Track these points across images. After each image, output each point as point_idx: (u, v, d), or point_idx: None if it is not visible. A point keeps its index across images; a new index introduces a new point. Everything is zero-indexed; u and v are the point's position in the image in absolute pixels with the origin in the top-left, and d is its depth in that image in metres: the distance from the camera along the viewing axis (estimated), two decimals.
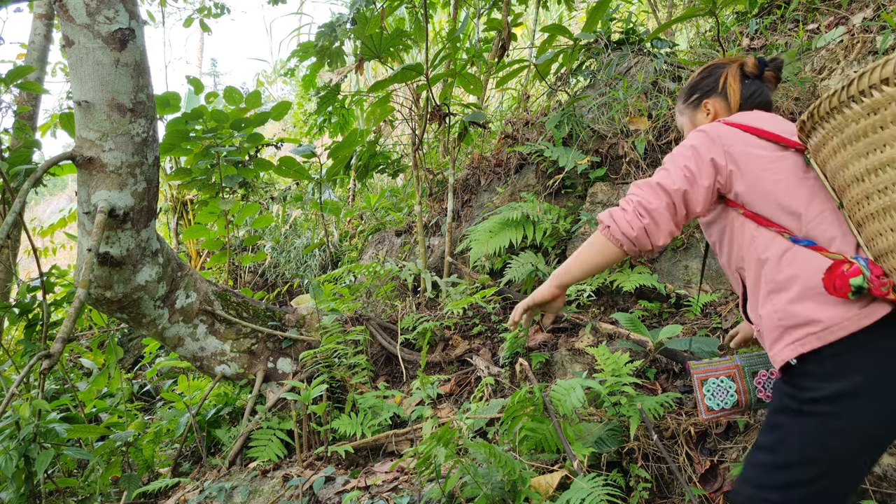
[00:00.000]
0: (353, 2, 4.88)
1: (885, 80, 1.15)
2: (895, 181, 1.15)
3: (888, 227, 1.18)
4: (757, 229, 1.42)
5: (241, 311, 3.17)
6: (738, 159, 1.44)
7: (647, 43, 4.33)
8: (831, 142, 1.28)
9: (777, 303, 1.33)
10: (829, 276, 1.24)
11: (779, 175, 1.40)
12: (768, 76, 1.68)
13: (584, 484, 1.64)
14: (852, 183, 1.25)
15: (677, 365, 2.69)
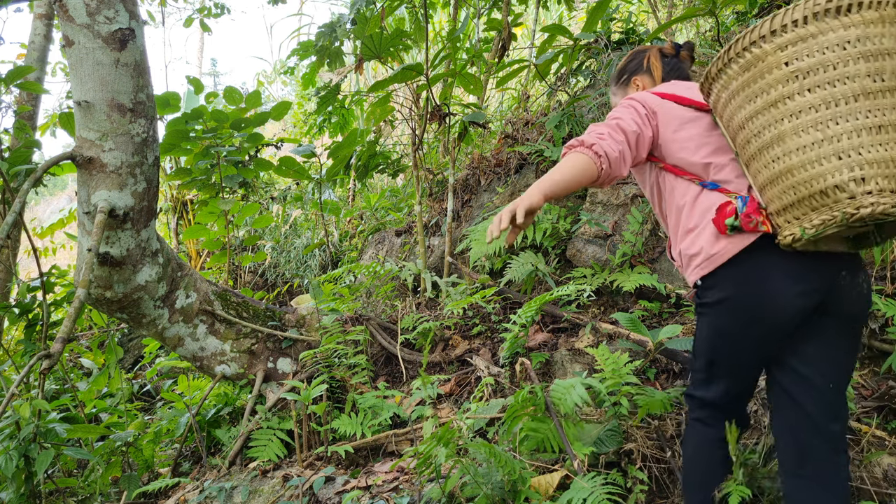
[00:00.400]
0: (353, 2, 4.88)
1: (753, 42, 1.43)
2: (765, 126, 1.43)
3: (763, 164, 1.46)
4: (675, 179, 1.68)
5: (241, 311, 3.17)
6: (660, 120, 1.69)
7: (647, 43, 4.33)
8: (722, 97, 1.55)
9: (687, 240, 1.63)
10: (717, 218, 1.55)
11: (692, 132, 1.67)
12: (683, 55, 1.95)
13: (585, 483, 1.64)
14: (738, 130, 1.52)
15: (677, 365, 2.69)
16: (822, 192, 1.37)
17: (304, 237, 6.78)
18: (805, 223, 1.40)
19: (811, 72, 1.39)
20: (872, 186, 1.32)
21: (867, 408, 2.20)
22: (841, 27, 1.37)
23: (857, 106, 1.36)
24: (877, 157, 1.33)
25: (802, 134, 1.39)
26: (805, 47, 1.39)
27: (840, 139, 1.36)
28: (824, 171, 1.36)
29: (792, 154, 1.40)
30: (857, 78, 1.36)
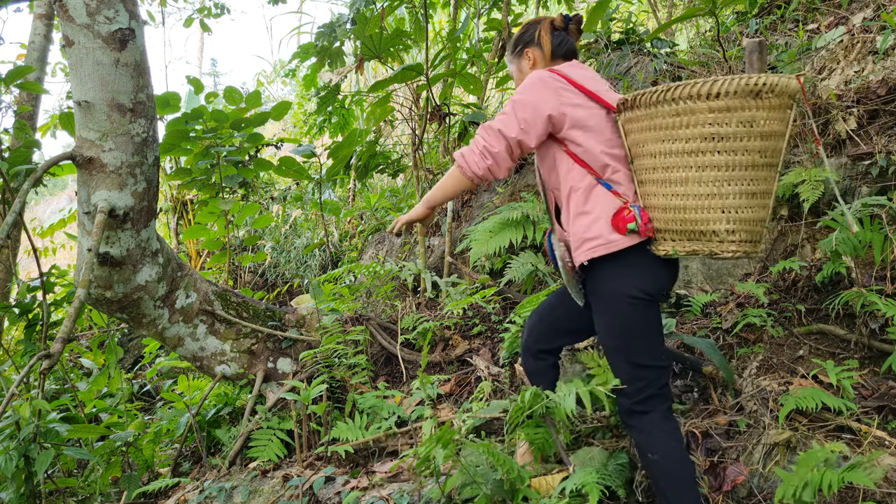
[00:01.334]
0: (353, 2, 4.88)
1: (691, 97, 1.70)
2: (676, 165, 1.76)
3: (661, 192, 1.81)
4: (573, 164, 1.91)
5: (241, 311, 3.17)
6: (567, 111, 1.88)
7: (647, 43, 4.33)
8: (641, 122, 1.82)
9: (581, 222, 1.88)
10: (615, 218, 1.84)
11: (596, 130, 1.89)
12: (572, 29, 2.12)
13: (580, 475, 1.65)
14: (646, 156, 1.83)
15: (677, 365, 2.69)
16: (703, 231, 1.77)
17: (304, 237, 6.78)
18: (678, 246, 1.82)
19: (725, 138, 1.71)
20: (737, 237, 1.76)
21: (867, 408, 2.20)
22: (754, 108, 1.69)
23: (745, 174, 1.72)
24: (745, 217, 1.75)
25: (703, 185, 1.75)
26: (728, 117, 1.70)
27: (727, 197, 1.74)
28: (710, 218, 1.75)
29: (689, 198, 1.77)
30: (751, 153, 1.71)
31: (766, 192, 1.76)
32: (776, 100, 1.70)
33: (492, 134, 1.91)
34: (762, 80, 1.67)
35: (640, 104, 1.81)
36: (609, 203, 1.86)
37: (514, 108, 1.90)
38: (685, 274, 3.25)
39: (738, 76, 1.71)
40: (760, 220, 1.78)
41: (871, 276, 2.63)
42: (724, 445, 2.15)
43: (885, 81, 3.03)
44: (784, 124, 1.74)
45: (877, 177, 2.87)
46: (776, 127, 1.73)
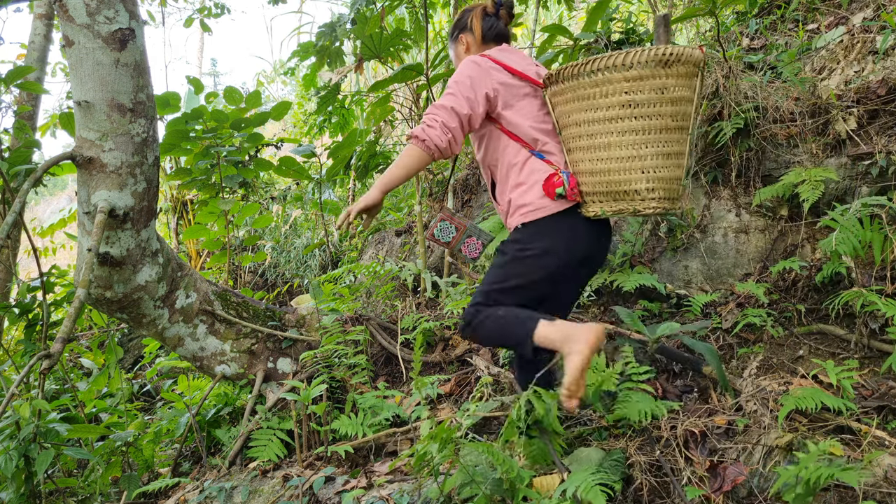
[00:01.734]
0: (354, 2, 4.88)
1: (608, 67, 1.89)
2: (598, 132, 1.95)
3: (587, 158, 1.99)
4: (509, 141, 2.09)
5: (241, 311, 3.17)
6: (500, 91, 2.06)
7: (647, 43, 4.33)
8: (566, 94, 2.01)
9: (517, 193, 2.06)
10: (546, 184, 2.01)
11: (526, 106, 2.07)
12: (502, 14, 2.27)
13: (581, 475, 1.66)
14: (572, 125, 2.01)
15: (677, 365, 2.69)
16: (626, 191, 1.96)
17: (304, 237, 6.78)
18: (605, 206, 2.00)
19: (640, 105, 1.90)
20: (657, 195, 1.95)
21: (867, 408, 2.20)
22: (664, 76, 1.88)
23: (660, 137, 1.91)
24: (663, 175, 1.94)
25: (623, 149, 1.93)
26: (641, 85, 1.88)
27: (645, 159, 1.92)
28: (631, 179, 1.94)
29: (611, 161, 1.95)
30: (664, 116, 1.90)
31: (679, 153, 1.96)
32: (683, 68, 1.89)
33: (446, 111, 2.04)
34: (669, 50, 1.85)
35: (563, 78, 2.00)
36: (541, 171, 2.05)
37: (457, 88, 2.05)
38: (685, 274, 3.25)
39: (648, 47, 1.88)
40: (676, 179, 1.98)
41: (871, 276, 2.63)
42: (723, 445, 2.14)
43: (885, 81, 3.03)
44: (691, 91, 1.94)
45: (877, 177, 2.87)
46: (685, 93, 1.92)
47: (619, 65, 1.88)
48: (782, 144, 3.24)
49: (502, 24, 2.26)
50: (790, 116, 3.21)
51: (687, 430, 2.19)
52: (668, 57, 1.85)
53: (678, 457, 2.09)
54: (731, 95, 3.22)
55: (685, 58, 1.87)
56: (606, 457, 2.05)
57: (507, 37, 2.27)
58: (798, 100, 3.24)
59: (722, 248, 3.22)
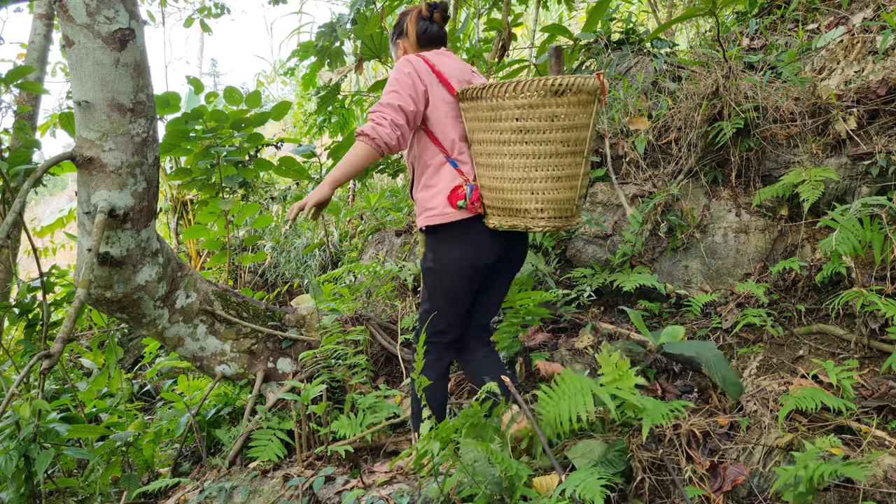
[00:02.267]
0: (354, 2, 4.88)
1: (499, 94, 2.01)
2: (494, 152, 2.08)
3: (485, 175, 2.14)
4: (429, 143, 2.21)
5: (241, 311, 3.17)
6: (431, 94, 2.18)
7: (647, 43, 4.33)
8: (470, 113, 2.14)
9: (427, 194, 2.21)
10: (451, 194, 2.16)
11: (447, 114, 2.19)
12: (436, 17, 2.36)
13: (580, 475, 1.66)
14: (476, 142, 2.15)
15: (677, 365, 2.69)
16: (518, 209, 2.10)
17: (304, 237, 6.78)
18: (502, 220, 2.16)
19: (530, 131, 2.01)
20: (546, 214, 2.09)
21: (867, 408, 2.20)
22: (554, 104, 1.98)
23: (549, 161, 2.04)
24: (552, 197, 2.08)
25: (514, 171, 2.06)
26: (531, 113, 1.99)
27: (535, 181, 2.06)
28: (522, 199, 2.08)
29: (505, 181, 2.09)
30: (554, 143, 2.02)
31: (571, 176, 2.09)
32: (575, 97, 1.97)
33: (393, 109, 2.12)
34: (560, 80, 1.94)
35: (467, 98, 2.12)
36: (451, 179, 2.18)
37: (399, 86, 2.14)
38: (685, 274, 3.25)
39: (540, 78, 1.97)
40: (568, 200, 2.11)
41: (871, 276, 2.63)
42: (723, 445, 2.14)
43: (885, 81, 3.03)
44: (588, 117, 2.03)
45: (877, 177, 2.87)
46: (578, 120, 2.02)
47: (510, 92, 1.99)
48: (782, 144, 3.24)
49: (436, 27, 2.35)
50: (790, 116, 3.21)
51: (689, 429, 2.19)
52: (559, 87, 1.95)
53: (679, 456, 2.09)
54: (731, 95, 3.22)
55: (577, 87, 1.96)
56: (609, 448, 2.05)
57: (443, 40, 2.38)
58: (798, 100, 3.24)
59: (722, 248, 3.22)
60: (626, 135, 3.76)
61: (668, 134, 3.61)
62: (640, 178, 3.56)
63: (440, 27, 2.36)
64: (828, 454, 1.83)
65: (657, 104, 3.78)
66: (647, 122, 3.71)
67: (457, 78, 2.22)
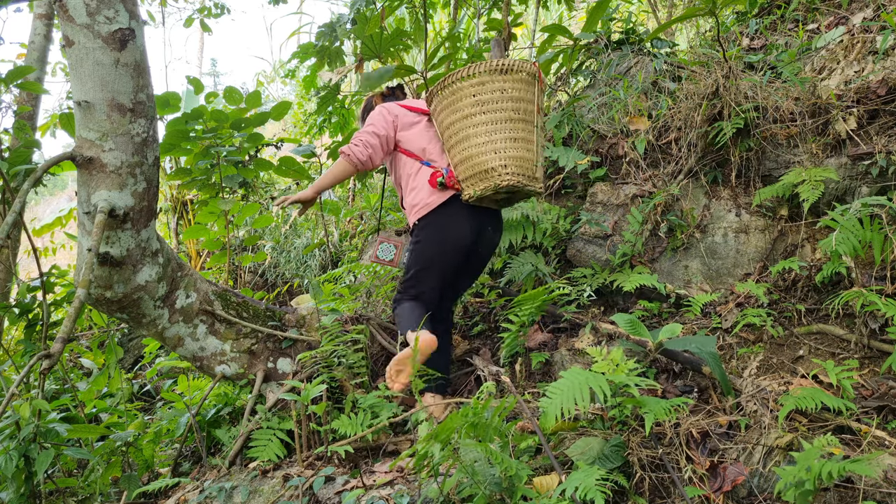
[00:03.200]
0: (354, 2, 4.88)
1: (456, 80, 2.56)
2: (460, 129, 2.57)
3: (457, 151, 2.60)
4: (406, 158, 2.77)
5: (241, 311, 3.17)
6: (399, 122, 2.77)
7: (647, 43, 4.33)
8: (439, 106, 2.65)
9: (412, 195, 2.70)
10: (430, 178, 2.64)
11: (417, 129, 2.77)
12: (397, 93, 3.10)
13: (580, 475, 1.66)
14: (446, 129, 2.65)
15: (677, 365, 2.69)
16: (485, 170, 2.52)
17: (304, 237, 6.78)
18: (476, 187, 2.55)
19: (485, 103, 2.54)
20: (510, 170, 2.52)
21: (867, 408, 2.20)
22: (501, 80, 2.55)
23: (505, 126, 2.54)
24: (513, 155, 2.53)
25: (478, 137, 2.54)
26: (483, 88, 2.54)
27: (496, 143, 2.53)
28: (487, 160, 2.52)
29: (472, 147, 2.54)
30: (506, 110, 2.55)
31: (526, 139, 2.56)
32: (518, 75, 2.55)
33: (367, 134, 2.70)
34: (502, 62, 2.54)
35: (435, 93, 2.66)
36: (428, 174, 2.68)
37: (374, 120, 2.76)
38: (685, 274, 3.25)
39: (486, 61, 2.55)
40: (527, 159, 2.56)
41: (871, 276, 2.63)
42: (723, 445, 2.14)
43: (885, 81, 3.03)
44: (531, 94, 2.58)
45: (877, 177, 2.87)
46: (524, 94, 2.56)
47: (466, 76, 2.54)
48: (782, 144, 3.24)
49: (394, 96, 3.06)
50: (790, 116, 3.21)
51: (688, 429, 2.19)
52: (502, 67, 2.53)
53: (679, 456, 2.09)
54: (731, 95, 3.22)
55: (517, 67, 2.55)
56: (606, 444, 2.05)
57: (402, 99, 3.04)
58: (798, 100, 3.24)
59: (722, 248, 3.22)
60: (626, 135, 3.76)
61: (668, 134, 3.61)
62: (640, 178, 3.56)
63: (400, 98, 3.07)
64: (828, 454, 1.83)
65: (657, 104, 3.78)
66: (647, 122, 3.71)
67: (419, 105, 2.86)
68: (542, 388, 2.72)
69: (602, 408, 2.34)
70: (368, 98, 3.07)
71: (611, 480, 1.92)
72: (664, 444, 2.15)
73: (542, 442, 1.99)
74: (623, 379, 2.02)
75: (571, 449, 2.07)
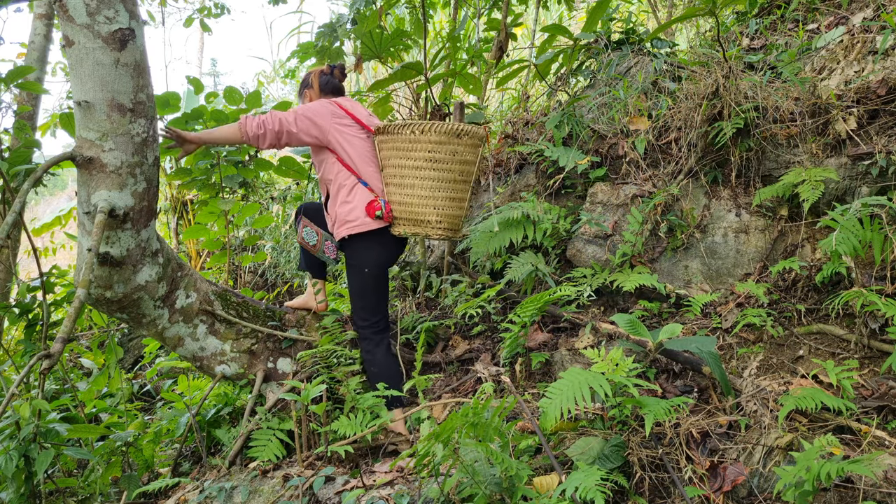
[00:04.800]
0: (354, 1, 4.88)
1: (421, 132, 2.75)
2: (406, 175, 2.78)
3: (397, 192, 2.82)
4: (341, 167, 2.84)
5: (241, 311, 3.17)
6: (334, 128, 2.81)
7: (647, 43, 4.33)
8: (388, 144, 2.83)
9: (345, 209, 2.81)
10: (368, 206, 2.77)
11: (357, 145, 2.85)
12: (336, 73, 3.05)
13: (580, 475, 1.66)
14: (391, 167, 2.84)
15: (677, 365, 2.69)
16: (421, 220, 2.81)
17: None
18: (407, 229, 2.83)
19: (437, 161, 2.77)
20: (443, 226, 2.83)
21: (867, 408, 2.20)
22: (455, 143, 2.77)
23: (448, 185, 2.80)
24: (448, 213, 2.83)
25: (423, 190, 2.79)
26: (438, 147, 2.76)
27: (437, 200, 2.80)
28: (426, 213, 2.80)
29: (414, 197, 2.79)
30: (453, 171, 2.79)
31: (461, 199, 2.87)
32: (470, 140, 2.78)
33: (274, 119, 2.76)
34: (461, 127, 2.75)
35: (388, 132, 2.81)
36: (365, 197, 2.80)
37: (299, 111, 2.78)
38: (685, 274, 3.25)
39: (448, 123, 2.77)
40: (458, 217, 2.88)
41: (871, 276, 2.63)
42: (723, 445, 2.15)
43: (885, 81, 3.03)
44: (475, 156, 2.84)
45: (877, 177, 2.87)
46: (469, 157, 2.82)
47: (426, 131, 2.74)
48: (782, 144, 3.24)
49: (336, 80, 3.04)
50: (790, 116, 3.21)
51: (688, 429, 2.19)
52: (460, 131, 2.75)
53: (679, 456, 2.09)
54: (731, 95, 3.21)
55: (471, 133, 2.77)
56: (606, 444, 2.05)
57: (342, 91, 3.06)
58: (798, 100, 3.24)
59: (722, 248, 3.22)
60: (626, 135, 3.76)
61: (668, 134, 3.61)
62: (640, 178, 3.56)
63: (339, 80, 3.05)
64: (828, 454, 1.83)
65: (657, 104, 3.78)
66: (647, 122, 3.71)
67: (365, 117, 2.91)
68: (542, 388, 2.72)
69: (602, 408, 2.34)
70: (308, 75, 3.08)
71: (611, 480, 1.92)
72: (664, 444, 2.15)
73: (542, 442, 1.99)
74: (622, 379, 2.02)
75: (571, 449, 2.07)
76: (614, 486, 1.94)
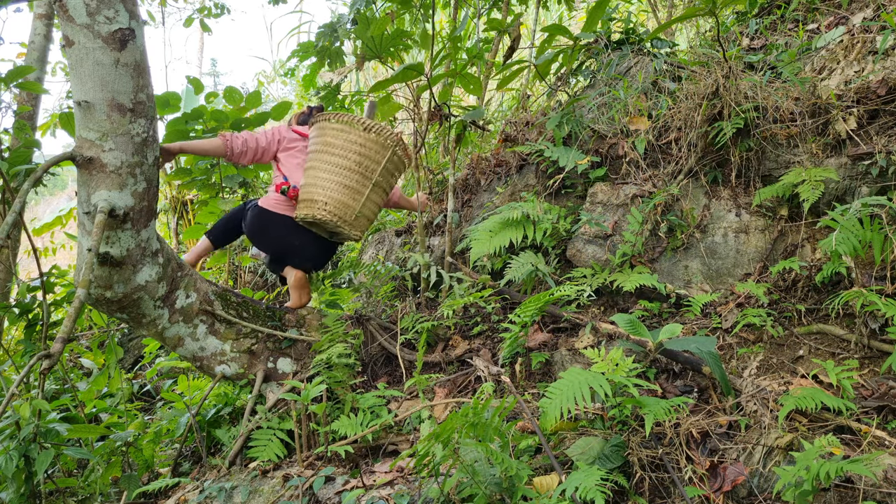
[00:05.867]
0: (354, 2, 4.88)
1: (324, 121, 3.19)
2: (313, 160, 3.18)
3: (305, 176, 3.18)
4: (278, 171, 3.30)
5: (241, 311, 3.17)
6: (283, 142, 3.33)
7: (646, 43, 4.33)
8: (311, 133, 3.23)
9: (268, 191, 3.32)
10: (277, 186, 3.20)
11: (292, 151, 3.33)
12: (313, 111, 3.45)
13: (580, 475, 1.66)
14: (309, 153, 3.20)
15: (677, 365, 2.69)
16: (311, 200, 3.08)
17: None
18: (301, 211, 3.11)
19: (334, 147, 3.11)
20: (328, 208, 3.06)
21: (867, 408, 2.20)
22: (359, 135, 3.10)
23: (342, 171, 3.09)
24: (337, 198, 3.08)
25: (319, 171, 3.10)
26: (337, 135, 3.10)
27: (327, 182, 3.08)
28: (315, 192, 3.08)
29: (310, 177, 3.12)
30: (350, 160, 3.10)
31: (356, 190, 3.10)
32: (375, 136, 3.10)
33: (253, 138, 3.25)
34: (365, 122, 3.10)
35: (314, 121, 3.25)
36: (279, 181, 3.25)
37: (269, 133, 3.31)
38: (685, 274, 3.25)
39: (355, 115, 3.10)
40: (350, 206, 3.08)
41: (871, 276, 2.63)
42: (723, 445, 2.15)
43: (885, 81, 3.03)
44: (381, 156, 3.13)
45: (877, 177, 2.87)
46: (373, 154, 3.11)
47: (336, 120, 3.10)
48: (782, 144, 3.24)
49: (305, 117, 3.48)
50: (790, 116, 3.21)
51: (688, 429, 2.19)
52: (366, 126, 3.08)
53: (679, 456, 2.09)
54: (731, 95, 3.21)
55: (377, 129, 3.09)
56: (606, 444, 2.05)
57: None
58: (798, 100, 3.24)
59: (722, 248, 3.22)
60: (626, 135, 3.76)
61: (668, 134, 3.61)
62: (640, 178, 3.56)
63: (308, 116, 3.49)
64: (828, 454, 1.83)
65: (657, 104, 3.78)
66: (647, 122, 3.71)
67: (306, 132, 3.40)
68: (542, 388, 2.72)
69: (602, 408, 2.34)
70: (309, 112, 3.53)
71: (611, 480, 1.92)
72: (664, 444, 2.15)
73: (542, 442, 1.99)
74: (622, 379, 2.03)
75: (571, 449, 2.07)
76: (614, 486, 1.94)
